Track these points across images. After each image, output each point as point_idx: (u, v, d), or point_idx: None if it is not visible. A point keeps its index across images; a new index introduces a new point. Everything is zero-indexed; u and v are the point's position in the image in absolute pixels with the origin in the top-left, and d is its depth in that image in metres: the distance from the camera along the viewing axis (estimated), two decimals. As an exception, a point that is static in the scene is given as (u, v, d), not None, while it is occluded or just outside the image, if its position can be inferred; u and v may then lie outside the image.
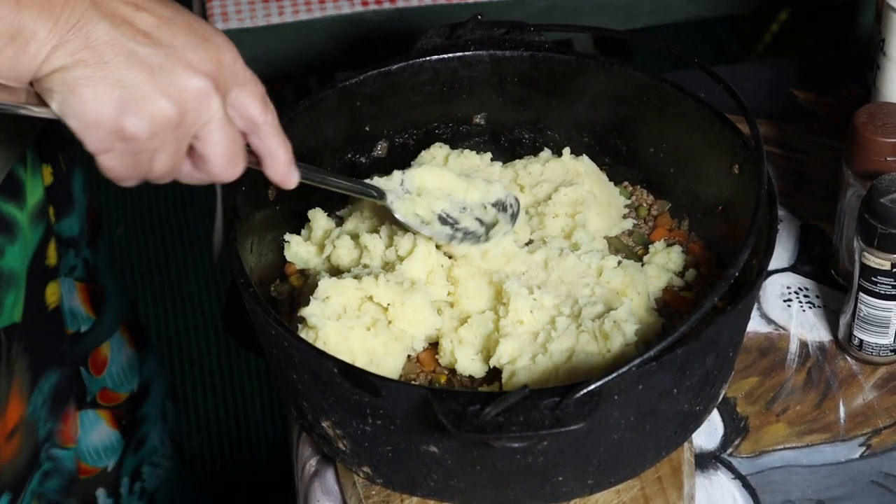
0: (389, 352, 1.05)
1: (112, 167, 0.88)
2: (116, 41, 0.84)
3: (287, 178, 0.98)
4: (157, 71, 0.85)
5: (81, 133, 0.85)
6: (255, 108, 0.93)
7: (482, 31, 1.20)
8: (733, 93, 1.08)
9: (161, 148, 0.88)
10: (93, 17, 0.83)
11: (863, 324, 1.12)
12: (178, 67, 0.86)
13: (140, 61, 0.85)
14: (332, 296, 1.06)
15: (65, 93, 0.84)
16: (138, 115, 0.85)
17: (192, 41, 0.87)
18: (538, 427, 0.87)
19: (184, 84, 0.86)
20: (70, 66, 0.83)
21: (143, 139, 0.86)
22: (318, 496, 1.07)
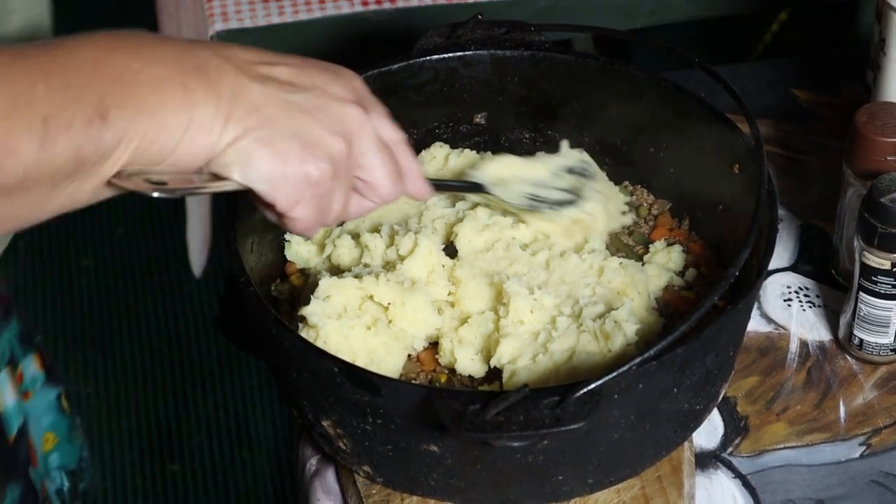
0: (390, 351, 1.05)
1: (303, 217, 0.89)
2: (272, 97, 0.86)
3: (425, 190, 1.00)
4: (316, 112, 0.87)
5: (271, 193, 0.86)
6: (389, 128, 0.95)
7: (482, 31, 1.20)
8: (733, 93, 1.08)
9: (340, 185, 0.90)
10: (244, 82, 0.85)
11: (863, 323, 1.12)
12: (330, 103, 0.89)
13: (298, 108, 0.87)
14: (333, 295, 1.06)
15: (246, 160, 0.85)
16: (318, 157, 0.87)
17: (328, 78, 0.90)
18: (538, 426, 0.87)
19: (342, 116, 0.89)
20: (243, 135, 0.84)
21: (327, 179, 0.88)
22: (319, 495, 1.07)
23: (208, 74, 0.83)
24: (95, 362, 2.51)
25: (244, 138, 0.84)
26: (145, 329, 2.58)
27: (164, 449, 2.36)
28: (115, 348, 2.54)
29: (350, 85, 0.92)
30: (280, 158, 0.85)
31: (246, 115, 0.84)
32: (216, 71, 0.84)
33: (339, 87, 0.90)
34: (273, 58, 0.89)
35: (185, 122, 0.82)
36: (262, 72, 0.87)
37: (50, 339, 2.55)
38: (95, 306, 2.63)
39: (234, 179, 0.85)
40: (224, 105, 0.83)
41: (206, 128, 0.83)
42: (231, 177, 0.85)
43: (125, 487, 2.30)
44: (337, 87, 0.90)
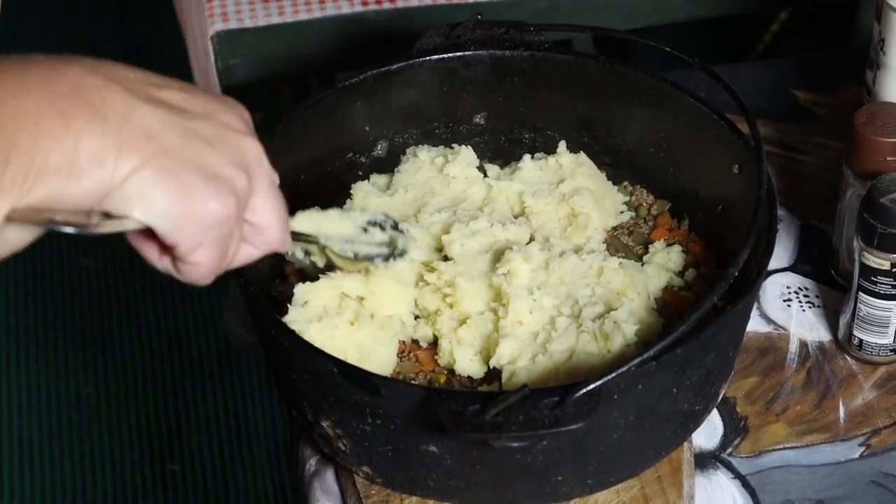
0: (379, 342, 1.05)
1: (203, 262, 0.80)
2: (169, 123, 0.76)
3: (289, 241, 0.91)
4: (215, 142, 0.78)
5: (174, 233, 0.77)
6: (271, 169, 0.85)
7: (482, 31, 1.20)
8: (733, 93, 1.08)
9: (239, 226, 0.81)
10: (133, 104, 0.75)
11: (862, 323, 1.12)
12: (227, 133, 0.80)
13: (198, 137, 0.77)
14: (310, 299, 1.06)
15: (147, 195, 0.74)
16: (224, 193, 0.77)
17: (219, 107, 0.81)
18: (538, 427, 0.87)
19: (242, 148, 0.80)
20: (141, 165, 0.74)
21: (232, 218, 0.79)
22: (318, 496, 1.07)
23: (88, 96, 0.73)
24: (95, 362, 2.51)
25: (143, 169, 0.74)
26: (145, 329, 2.58)
27: (164, 449, 2.36)
28: (115, 348, 2.54)
29: (240, 115, 0.83)
30: (185, 194, 0.75)
31: (142, 142, 0.74)
32: (97, 92, 0.73)
33: (231, 116, 0.81)
34: (157, 79, 0.79)
35: (70, 157, 0.71)
36: (152, 93, 0.76)
37: (50, 339, 2.55)
38: (95, 306, 2.63)
39: (135, 217, 0.75)
40: (113, 132, 0.73)
41: (97, 159, 0.72)
42: (131, 215, 0.75)
43: (125, 487, 2.30)
44: (230, 117, 0.81)
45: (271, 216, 0.84)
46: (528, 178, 1.20)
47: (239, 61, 1.60)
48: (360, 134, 1.20)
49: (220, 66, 1.60)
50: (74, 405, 2.43)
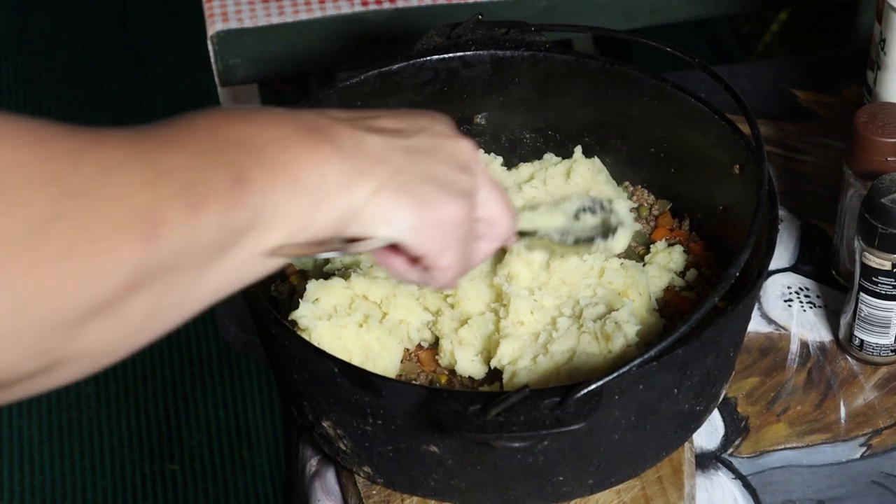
0: (385, 346, 1.05)
1: (450, 265, 0.84)
2: (391, 146, 0.81)
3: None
4: (435, 151, 0.83)
5: (420, 242, 0.82)
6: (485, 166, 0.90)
7: (482, 31, 1.20)
8: (734, 93, 1.08)
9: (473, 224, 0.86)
10: (359, 135, 0.80)
11: (863, 324, 1.12)
12: (441, 140, 0.85)
13: (418, 152, 0.82)
14: (322, 297, 1.06)
15: (389, 213, 0.79)
16: (455, 196, 0.82)
17: (427, 120, 0.86)
18: (539, 427, 0.87)
19: (458, 151, 0.85)
20: (379, 187, 0.78)
21: (468, 218, 0.84)
22: (319, 496, 1.07)
23: (323, 131, 0.78)
24: (95, 362, 2.51)
25: (382, 191, 0.79)
26: (145, 329, 2.57)
27: (164, 449, 2.36)
28: (114, 348, 2.54)
29: (446, 122, 0.88)
30: (421, 204, 0.80)
31: (374, 166, 0.79)
32: (329, 128, 0.78)
33: (440, 125, 0.87)
34: (370, 112, 0.85)
35: (319, 178, 0.75)
36: (369, 124, 0.82)
37: (50, 339, 2.55)
38: (95, 306, 2.62)
39: (381, 236, 0.80)
40: (349, 159, 0.77)
41: (340, 183, 0.77)
42: (377, 234, 0.80)
43: (125, 487, 2.30)
44: (439, 126, 0.86)
45: (499, 207, 0.88)
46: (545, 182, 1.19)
47: (239, 61, 1.60)
48: (361, 134, 1.20)
49: (220, 66, 1.59)
50: (74, 405, 2.43)
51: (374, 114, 0.84)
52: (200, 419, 2.40)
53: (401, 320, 1.08)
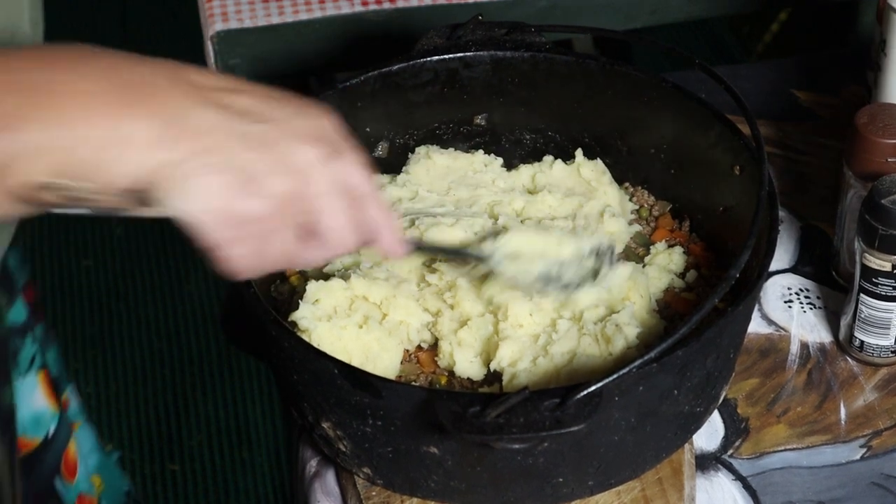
0: (385, 347, 1.05)
1: (238, 258, 0.83)
2: (220, 125, 0.80)
3: (397, 249, 0.92)
4: (268, 146, 0.81)
5: (201, 227, 0.80)
6: (359, 176, 0.87)
7: (482, 32, 1.20)
8: (734, 93, 1.08)
9: (282, 227, 0.83)
10: (191, 105, 0.79)
11: (863, 325, 1.12)
12: (287, 139, 0.82)
13: (250, 139, 0.81)
14: (322, 298, 1.06)
15: (178, 187, 0.78)
16: (259, 195, 0.81)
17: (293, 112, 0.84)
18: (539, 428, 0.87)
19: (297, 155, 0.82)
20: (179, 160, 0.78)
21: (266, 219, 0.82)
22: (319, 497, 1.07)
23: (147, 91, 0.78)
24: (95, 362, 2.51)
25: (181, 164, 0.78)
26: (145, 329, 2.58)
27: (164, 449, 2.36)
28: (115, 348, 2.54)
29: (316, 123, 0.85)
30: (216, 191, 0.79)
31: (187, 139, 0.78)
32: (160, 90, 0.79)
33: (302, 123, 0.84)
34: (239, 86, 0.83)
35: (112, 137, 0.77)
36: (217, 98, 0.81)
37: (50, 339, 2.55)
38: (95, 306, 2.63)
39: (173, 207, 0.79)
40: (160, 125, 0.78)
41: (137, 145, 0.77)
42: (160, 203, 0.79)
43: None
44: (300, 123, 0.84)
45: (332, 221, 0.85)
46: (551, 183, 1.20)
47: (239, 61, 1.60)
48: (361, 134, 1.20)
49: (220, 66, 1.59)
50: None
51: (242, 88, 0.83)
52: (200, 419, 2.40)
53: (400, 321, 1.08)
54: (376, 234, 0.90)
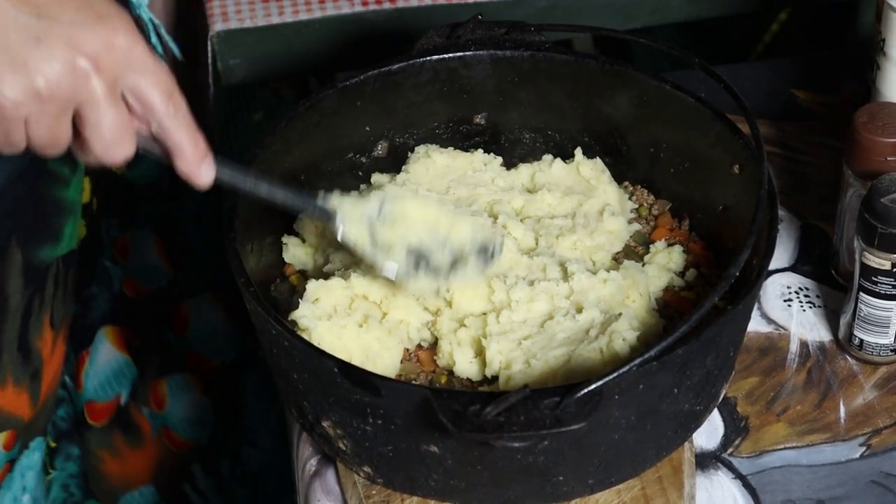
0: (385, 346, 1.05)
1: None
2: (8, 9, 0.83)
3: (195, 174, 0.94)
4: (35, 43, 0.84)
5: None
6: (156, 97, 0.90)
7: (482, 31, 1.20)
8: (734, 93, 1.08)
9: (32, 120, 0.86)
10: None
11: (863, 324, 1.12)
12: (57, 42, 0.85)
13: (20, 29, 0.84)
14: (322, 297, 1.06)
15: None
16: (7, 87, 0.84)
17: (83, 18, 0.86)
18: (539, 427, 0.87)
19: (60, 60, 0.85)
20: None
21: (7, 108, 0.85)
22: (319, 496, 1.07)
23: None
24: (95, 362, 2.51)
25: None
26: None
27: (163, 449, 2.36)
28: (114, 348, 2.54)
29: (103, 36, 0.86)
30: None
31: None
32: None
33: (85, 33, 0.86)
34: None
35: None
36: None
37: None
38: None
39: None
40: None
41: None
42: None
43: (125, 487, 2.29)
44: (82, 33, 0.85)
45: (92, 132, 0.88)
46: (550, 182, 1.20)
47: (239, 61, 1.60)
48: (361, 134, 1.20)
49: (220, 66, 1.60)
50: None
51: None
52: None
53: (400, 320, 1.08)
54: (172, 154, 0.93)
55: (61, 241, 1.24)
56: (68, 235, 1.25)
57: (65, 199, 1.23)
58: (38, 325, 1.25)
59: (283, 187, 1.02)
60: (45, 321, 1.25)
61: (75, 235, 1.27)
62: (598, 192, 1.18)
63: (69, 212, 1.24)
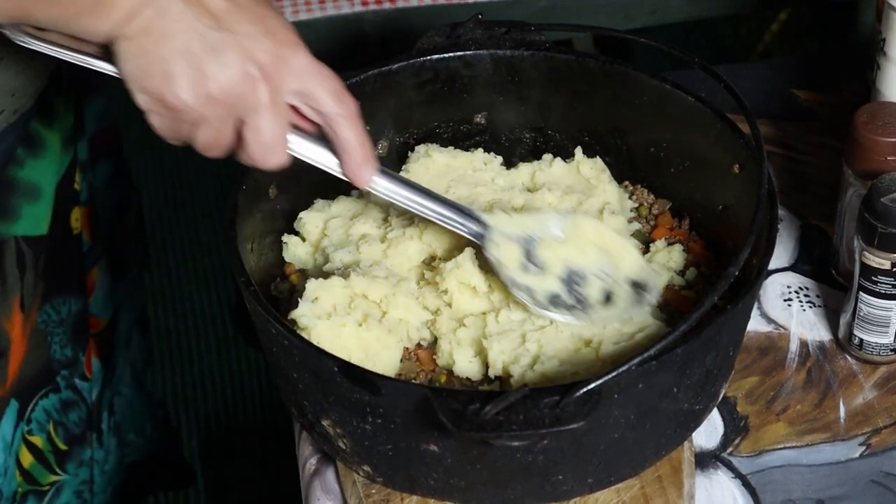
0: (385, 345, 1.05)
1: (156, 126, 0.94)
2: (184, 17, 0.89)
3: (359, 173, 1.00)
4: (212, 52, 0.90)
5: (134, 93, 0.92)
6: (327, 99, 0.97)
7: (482, 31, 1.20)
8: (734, 92, 1.08)
9: (202, 123, 0.93)
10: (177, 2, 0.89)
11: (863, 323, 1.12)
12: (232, 52, 0.91)
13: (199, 40, 0.90)
14: (321, 296, 1.06)
15: (128, 59, 0.90)
16: (183, 91, 0.90)
17: (256, 31, 0.92)
18: (538, 426, 0.87)
19: (233, 68, 0.91)
20: (136, 35, 0.89)
21: (183, 112, 0.92)
22: (319, 495, 1.07)
23: None
24: (95, 362, 2.51)
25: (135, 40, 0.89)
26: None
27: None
28: (115, 348, 2.54)
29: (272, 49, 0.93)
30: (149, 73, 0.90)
31: (151, 19, 0.88)
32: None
33: (258, 44, 0.92)
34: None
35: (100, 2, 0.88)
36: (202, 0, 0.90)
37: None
38: (95, 306, 2.63)
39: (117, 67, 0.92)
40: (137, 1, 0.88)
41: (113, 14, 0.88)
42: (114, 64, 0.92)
43: (125, 487, 2.30)
44: (254, 44, 0.92)
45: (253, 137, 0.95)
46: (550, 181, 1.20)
47: (239, 61, 1.60)
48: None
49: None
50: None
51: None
52: (200, 419, 2.40)
53: (400, 319, 1.08)
54: (341, 154, 0.99)
55: (17, 219, 1.26)
56: (28, 217, 1.27)
57: (17, 178, 1.26)
58: (6, 307, 1.26)
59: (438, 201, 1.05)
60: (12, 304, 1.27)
61: (43, 221, 1.29)
62: (598, 192, 1.18)
63: (25, 192, 1.26)
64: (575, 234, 1.07)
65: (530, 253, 1.06)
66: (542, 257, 1.06)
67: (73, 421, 1.41)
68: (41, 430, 1.36)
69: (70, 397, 1.40)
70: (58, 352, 1.36)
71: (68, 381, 1.39)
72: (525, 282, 1.05)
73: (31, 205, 1.27)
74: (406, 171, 1.19)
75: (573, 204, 1.17)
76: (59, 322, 1.36)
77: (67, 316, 1.37)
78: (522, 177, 1.21)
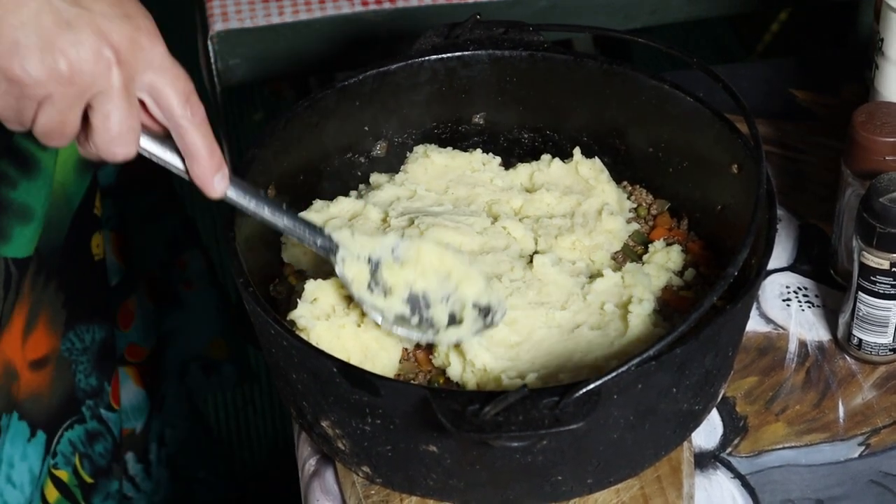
0: (383, 346, 1.05)
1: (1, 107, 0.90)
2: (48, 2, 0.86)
3: (208, 183, 0.97)
4: (64, 27, 0.87)
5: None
6: (174, 101, 0.92)
7: (481, 31, 1.20)
8: (732, 92, 1.08)
9: (47, 103, 0.89)
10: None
11: (862, 323, 1.12)
12: (87, 30, 0.87)
13: (53, 13, 0.87)
14: (320, 297, 1.06)
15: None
16: (30, 63, 0.86)
17: (114, 13, 0.89)
18: (537, 426, 0.87)
19: (86, 46, 0.87)
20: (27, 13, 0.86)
21: (28, 86, 0.87)
22: (318, 495, 1.07)
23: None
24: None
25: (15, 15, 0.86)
26: (145, 329, 2.57)
27: (164, 449, 2.36)
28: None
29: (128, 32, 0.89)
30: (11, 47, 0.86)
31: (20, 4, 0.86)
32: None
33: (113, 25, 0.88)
34: None
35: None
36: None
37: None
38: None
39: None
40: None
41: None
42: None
43: (125, 487, 2.29)
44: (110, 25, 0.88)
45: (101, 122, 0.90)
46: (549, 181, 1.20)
47: (239, 61, 1.60)
48: (360, 134, 1.20)
49: (220, 66, 1.60)
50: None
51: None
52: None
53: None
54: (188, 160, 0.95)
55: (8, 241, 1.22)
56: (18, 238, 1.23)
57: (10, 199, 1.22)
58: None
59: (290, 214, 1.03)
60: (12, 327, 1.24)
61: (31, 243, 1.25)
62: (596, 192, 1.18)
63: (18, 214, 1.22)
64: (416, 258, 1.06)
65: (375, 274, 1.06)
66: (385, 279, 1.06)
67: (100, 452, 1.38)
68: (67, 463, 1.33)
69: (96, 428, 1.37)
70: (82, 381, 1.33)
71: (94, 411, 1.36)
72: (373, 301, 1.05)
73: (23, 227, 1.23)
74: (404, 172, 1.20)
75: (572, 205, 1.17)
76: (82, 350, 1.33)
77: (91, 344, 1.34)
78: (521, 177, 1.21)
